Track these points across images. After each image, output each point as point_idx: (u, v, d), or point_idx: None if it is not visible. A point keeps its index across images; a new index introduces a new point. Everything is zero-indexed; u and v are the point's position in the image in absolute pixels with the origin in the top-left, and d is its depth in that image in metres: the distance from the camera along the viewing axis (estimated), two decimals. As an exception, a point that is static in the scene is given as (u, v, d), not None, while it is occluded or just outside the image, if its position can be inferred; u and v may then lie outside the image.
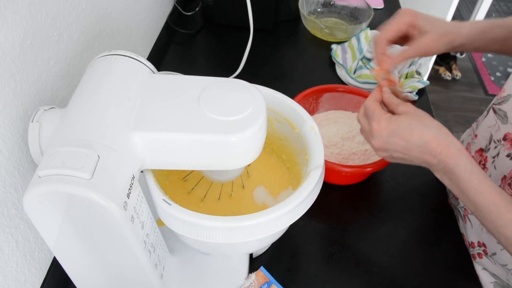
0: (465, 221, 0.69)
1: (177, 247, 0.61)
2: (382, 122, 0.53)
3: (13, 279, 0.52)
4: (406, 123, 0.52)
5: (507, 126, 0.58)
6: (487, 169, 0.62)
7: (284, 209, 0.47)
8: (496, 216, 0.47)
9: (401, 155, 0.53)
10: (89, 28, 0.67)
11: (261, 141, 0.49)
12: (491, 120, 0.62)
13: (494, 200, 0.48)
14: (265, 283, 0.61)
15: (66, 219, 0.41)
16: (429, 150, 0.50)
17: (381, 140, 0.53)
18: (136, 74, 0.49)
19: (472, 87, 2.51)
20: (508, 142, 0.57)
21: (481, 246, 0.64)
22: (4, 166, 0.49)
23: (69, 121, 0.44)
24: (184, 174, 0.64)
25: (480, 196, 0.48)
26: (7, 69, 0.48)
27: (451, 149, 0.50)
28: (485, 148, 0.64)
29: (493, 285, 0.62)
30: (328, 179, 0.74)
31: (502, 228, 0.47)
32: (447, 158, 0.49)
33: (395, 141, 0.52)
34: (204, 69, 1.03)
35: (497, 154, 0.60)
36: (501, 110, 0.60)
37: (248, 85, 0.50)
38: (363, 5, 1.14)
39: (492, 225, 0.48)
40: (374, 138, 0.54)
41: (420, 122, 0.52)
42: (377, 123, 0.53)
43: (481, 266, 0.64)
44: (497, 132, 0.60)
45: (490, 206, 0.48)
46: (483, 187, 0.48)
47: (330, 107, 0.84)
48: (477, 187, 0.48)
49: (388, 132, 0.52)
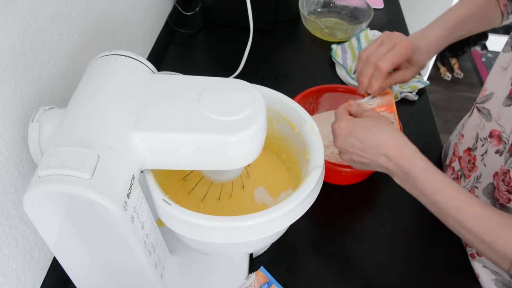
0: None
1: (177, 247, 0.61)
2: (342, 122, 0.55)
3: (13, 279, 0.52)
4: (363, 124, 0.54)
5: (492, 124, 0.59)
6: (477, 167, 0.63)
7: (284, 209, 0.47)
8: (456, 211, 0.48)
9: (359, 158, 0.55)
10: (89, 28, 0.67)
11: (261, 141, 0.49)
12: (476, 119, 0.64)
13: (453, 195, 0.48)
14: (265, 283, 0.61)
15: (66, 219, 0.41)
16: (383, 152, 0.52)
17: (340, 140, 0.56)
18: (136, 74, 0.49)
19: (472, 87, 2.51)
20: (495, 138, 0.58)
21: None
22: (4, 166, 0.49)
23: (69, 121, 0.44)
24: (184, 174, 0.64)
25: (438, 193, 0.49)
26: (7, 69, 0.48)
27: (405, 151, 0.51)
28: (472, 147, 0.65)
29: (494, 282, 0.62)
30: (328, 179, 0.74)
31: (464, 223, 0.47)
32: (402, 161, 0.51)
33: (352, 142, 0.54)
34: (204, 69, 1.03)
35: (485, 152, 0.61)
36: (485, 108, 0.61)
37: (248, 85, 0.50)
38: (363, 5, 1.14)
39: (454, 221, 0.49)
40: (336, 139, 0.57)
41: (376, 125, 0.53)
42: (337, 124, 0.56)
43: (482, 264, 0.64)
44: (482, 130, 0.62)
45: (449, 202, 0.48)
46: (440, 184, 0.49)
47: (330, 107, 0.84)
48: (434, 185, 0.49)
49: (347, 131, 0.54)
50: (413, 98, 0.93)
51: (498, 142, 0.58)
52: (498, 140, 0.58)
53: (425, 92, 0.96)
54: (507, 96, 0.56)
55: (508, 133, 0.56)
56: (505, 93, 0.57)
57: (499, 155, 0.58)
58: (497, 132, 0.58)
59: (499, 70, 0.60)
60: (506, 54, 0.58)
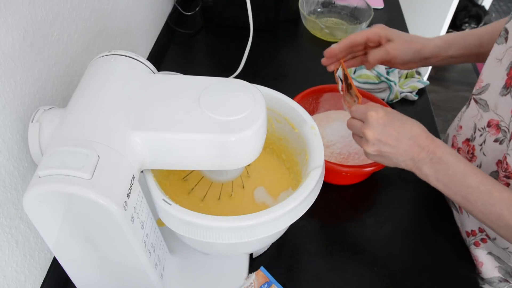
0: (461, 211, 0.70)
1: (177, 247, 0.61)
2: (380, 112, 0.56)
3: (13, 279, 0.52)
4: (399, 116, 0.56)
5: (489, 114, 0.61)
6: (476, 157, 0.64)
7: (284, 209, 0.47)
8: (486, 196, 0.51)
9: (388, 149, 0.56)
10: (89, 28, 0.67)
11: (261, 141, 0.49)
12: (473, 110, 0.65)
13: (482, 180, 0.52)
14: (265, 283, 0.61)
15: (66, 219, 0.41)
16: (418, 142, 0.54)
17: (377, 129, 0.55)
18: (136, 74, 0.49)
19: (472, 87, 2.48)
20: (493, 128, 0.60)
21: (482, 231, 0.65)
22: (4, 166, 0.49)
23: (69, 121, 0.44)
24: (184, 174, 0.64)
25: (469, 177, 0.52)
26: (7, 69, 0.48)
27: (436, 140, 0.55)
28: (470, 137, 0.66)
29: (497, 269, 0.64)
30: (328, 179, 0.74)
31: (493, 207, 0.51)
32: (435, 148, 0.54)
33: (389, 131, 0.55)
34: (204, 69, 1.03)
35: (483, 141, 0.62)
36: (482, 99, 0.63)
37: (248, 85, 0.50)
38: (363, 5, 1.14)
39: (483, 206, 0.51)
40: (371, 128, 0.56)
41: (408, 118, 0.57)
42: (375, 113, 0.56)
43: (486, 250, 0.65)
44: (480, 120, 0.63)
45: (479, 187, 0.51)
46: (470, 169, 0.53)
47: (330, 107, 0.84)
48: (465, 170, 0.52)
49: (385, 121, 0.55)
50: (413, 98, 0.93)
51: (497, 131, 0.59)
52: (496, 129, 0.59)
53: (425, 92, 0.96)
54: (503, 86, 0.58)
55: (507, 121, 0.57)
56: (501, 83, 0.58)
57: (499, 144, 0.59)
58: (495, 122, 0.59)
59: (494, 62, 0.61)
60: (500, 46, 0.60)
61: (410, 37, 0.68)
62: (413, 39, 0.68)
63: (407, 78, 0.96)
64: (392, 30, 0.68)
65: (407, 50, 0.67)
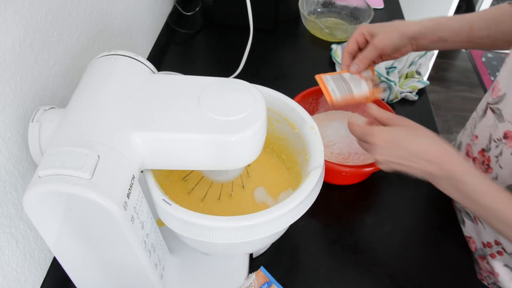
0: (476, 222, 0.68)
1: (177, 247, 0.61)
2: (382, 133, 0.54)
3: (13, 279, 0.52)
4: (404, 133, 0.54)
5: (505, 124, 0.59)
6: (492, 169, 0.62)
7: (284, 209, 0.47)
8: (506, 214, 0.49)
9: (400, 167, 0.55)
10: (89, 28, 0.67)
11: (261, 141, 0.49)
12: (489, 119, 0.63)
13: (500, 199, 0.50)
14: (265, 283, 0.61)
15: (66, 219, 0.41)
16: (430, 159, 0.52)
17: (383, 152, 0.54)
18: (136, 74, 0.49)
19: (472, 87, 2.51)
20: (510, 140, 0.58)
21: (498, 244, 0.64)
22: (4, 166, 0.49)
23: (69, 121, 0.44)
24: (184, 174, 0.64)
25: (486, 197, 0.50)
26: (7, 69, 0.48)
27: (450, 156, 0.52)
28: (486, 148, 0.64)
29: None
30: (328, 179, 0.74)
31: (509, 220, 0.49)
32: (452, 166, 0.51)
33: (396, 152, 0.54)
34: (204, 69, 1.03)
35: (500, 153, 0.60)
36: (498, 109, 0.61)
37: (248, 85, 0.50)
38: (363, 5, 1.14)
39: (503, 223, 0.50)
40: (377, 151, 0.55)
41: (416, 133, 0.54)
42: (377, 137, 0.54)
43: (503, 262, 0.64)
44: (495, 131, 0.61)
45: (497, 205, 0.50)
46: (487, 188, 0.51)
47: (330, 107, 0.84)
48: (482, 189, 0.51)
49: (390, 143, 0.54)
50: (413, 98, 0.93)
51: None
52: None
53: (425, 92, 0.96)
54: None
55: None
56: None
57: None
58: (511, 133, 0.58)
59: (511, 71, 0.59)
60: None
61: (393, 24, 0.68)
62: (396, 24, 0.67)
63: (407, 78, 0.96)
64: (374, 25, 0.68)
65: (392, 36, 0.66)
